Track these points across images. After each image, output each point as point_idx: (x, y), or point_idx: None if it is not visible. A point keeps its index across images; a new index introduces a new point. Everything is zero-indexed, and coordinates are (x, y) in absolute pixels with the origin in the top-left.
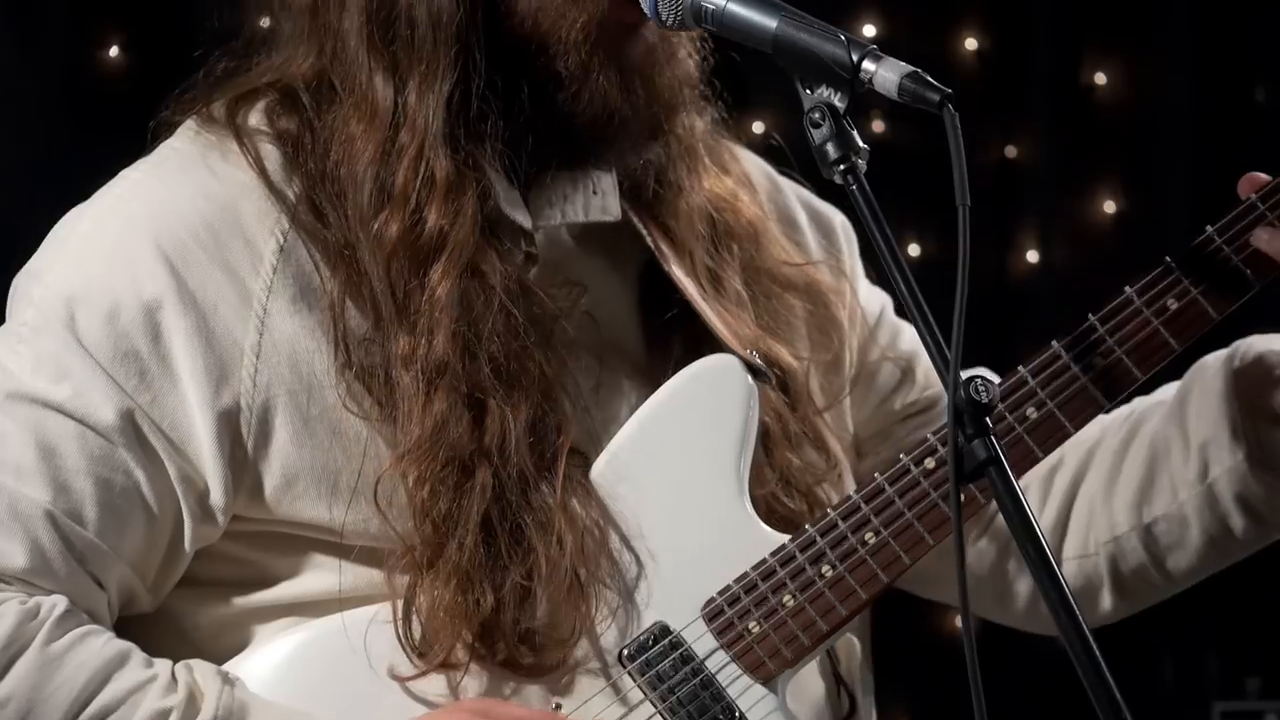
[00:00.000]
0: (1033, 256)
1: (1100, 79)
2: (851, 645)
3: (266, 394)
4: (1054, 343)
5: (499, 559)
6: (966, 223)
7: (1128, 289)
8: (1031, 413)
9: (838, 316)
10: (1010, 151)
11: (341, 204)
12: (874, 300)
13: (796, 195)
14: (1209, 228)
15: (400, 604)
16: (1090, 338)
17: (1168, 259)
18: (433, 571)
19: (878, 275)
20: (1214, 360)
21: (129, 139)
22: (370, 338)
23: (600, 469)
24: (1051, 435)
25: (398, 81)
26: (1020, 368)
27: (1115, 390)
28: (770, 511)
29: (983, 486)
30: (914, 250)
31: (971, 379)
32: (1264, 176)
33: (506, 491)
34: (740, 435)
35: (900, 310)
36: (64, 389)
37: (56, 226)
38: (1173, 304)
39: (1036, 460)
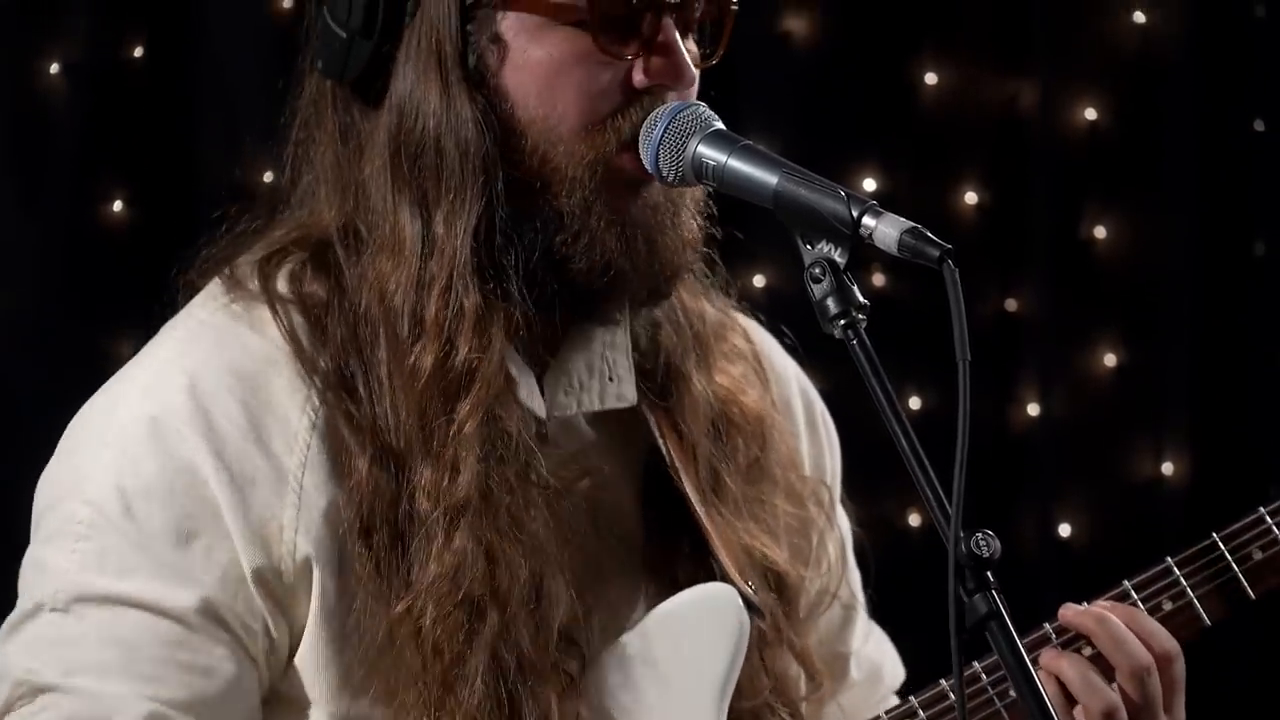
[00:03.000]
0: (1033, 409)
1: (1100, 232)
2: None
3: (303, 567)
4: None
5: (500, 713)
6: (967, 377)
7: (1126, 582)
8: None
9: (820, 528)
10: (1010, 304)
11: (374, 358)
12: (844, 526)
13: (799, 386)
14: (1215, 534)
15: None
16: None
17: (1168, 558)
18: (442, 711)
19: (875, 431)
20: None
21: (133, 293)
22: (390, 512)
23: (591, 677)
24: None
25: (424, 213)
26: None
27: None
28: None
29: None
30: (915, 403)
31: (974, 533)
32: None
33: (506, 650)
34: (725, 673)
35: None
36: (133, 582)
37: (86, 420)
38: (1167, 605)
39: None
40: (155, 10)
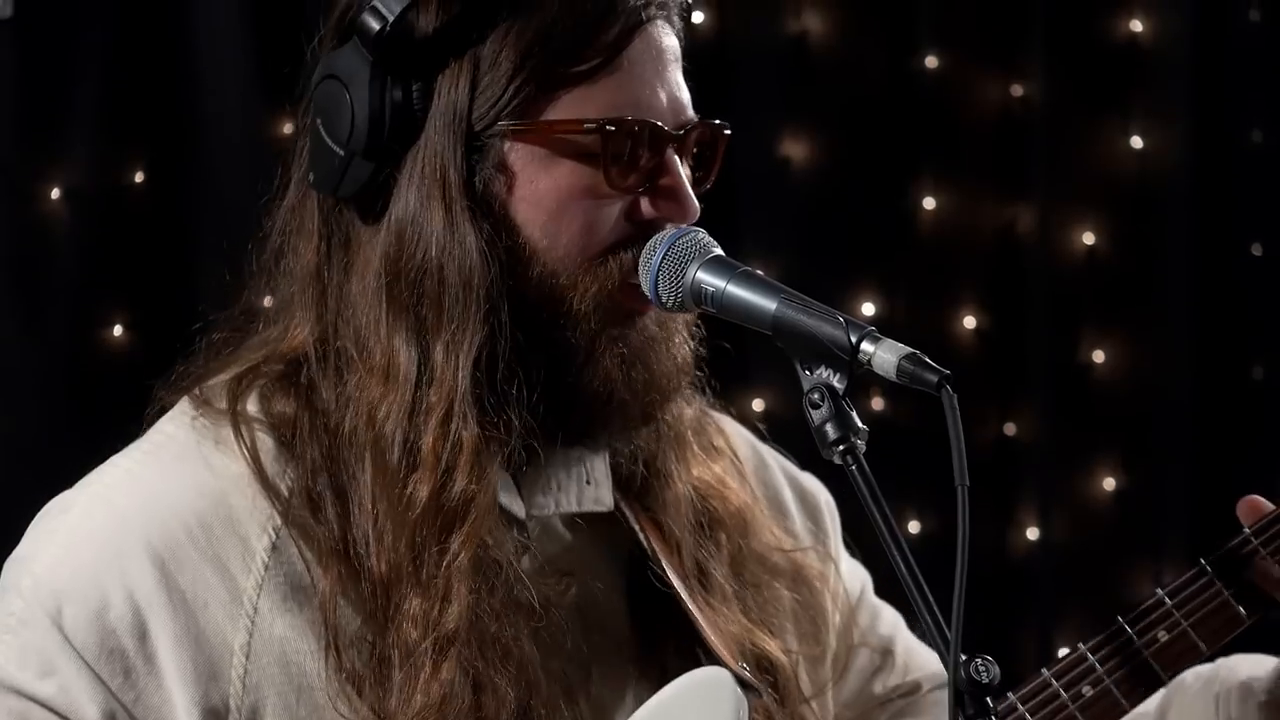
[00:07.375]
0: (1032, 533)
1: (1098, 356)
2: None
3: (256, 695)
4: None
5: None
6: (966, 503)
7: (1120, 619)
8: None
9: (824, 605)
10: (1009, 429)
11: (355, 481)
12: (855, 579)
13: (782, 470)
14: (1203, 560)
15: None
16: (1080, 667)
17: (1159, 590)
18: None
19: (874, 555)
20: (1195, 680)
21: (132, 418)
22: (361, 636)
23: None
24: None
25: (421, 340)
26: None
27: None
28: None
29: None
30: (914, 527)
31: (973, 658)
32: (1264, 503)
33: None
34: None
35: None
36: (49, 685)
37: (44, 512)
38: (1162, 635)
39: None
40: (156, 136)
